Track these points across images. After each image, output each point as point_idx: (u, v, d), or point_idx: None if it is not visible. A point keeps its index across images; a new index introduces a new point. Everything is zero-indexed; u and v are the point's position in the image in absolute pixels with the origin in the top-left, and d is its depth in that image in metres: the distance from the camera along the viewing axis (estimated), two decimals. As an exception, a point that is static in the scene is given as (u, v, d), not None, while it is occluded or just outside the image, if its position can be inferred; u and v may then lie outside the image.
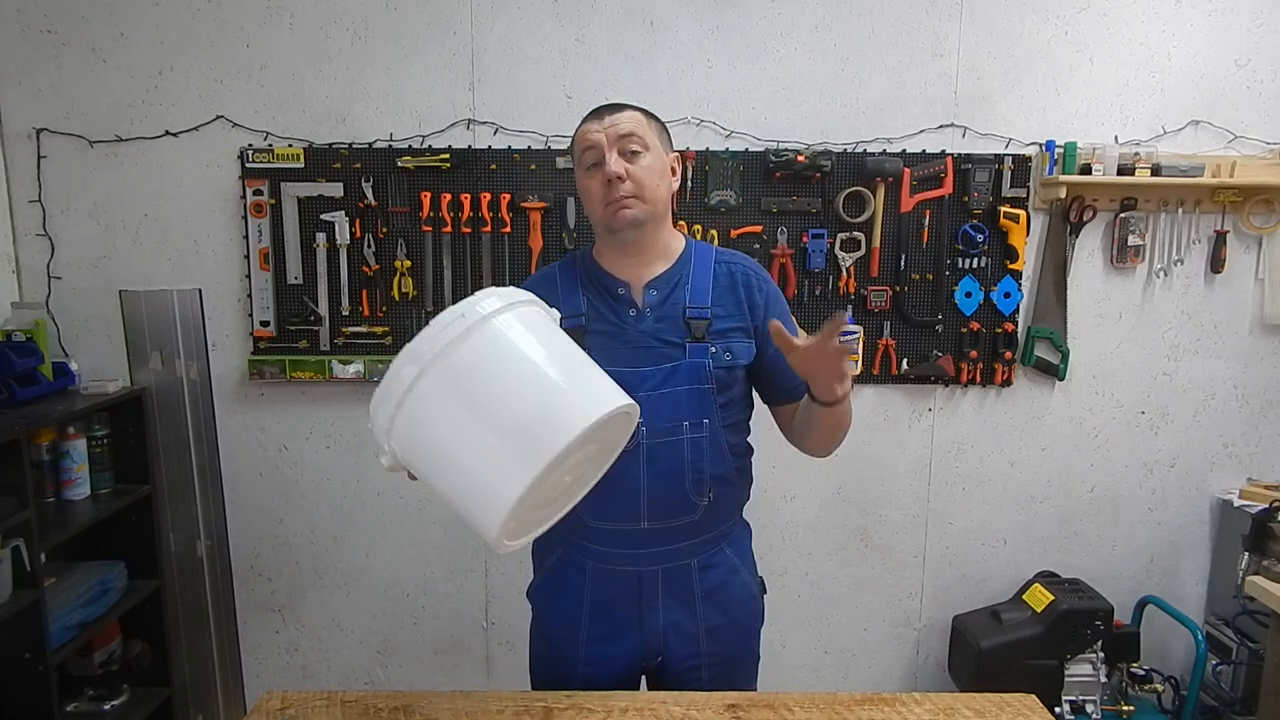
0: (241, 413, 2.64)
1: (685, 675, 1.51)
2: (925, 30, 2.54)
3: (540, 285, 1.46)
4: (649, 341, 1.41)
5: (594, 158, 1.41)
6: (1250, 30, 2.57)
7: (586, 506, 1.40)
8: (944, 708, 1.40)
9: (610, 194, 1.40)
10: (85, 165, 2.51)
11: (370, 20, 2.49)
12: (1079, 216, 2.59)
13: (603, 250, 1.50)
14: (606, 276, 1.47)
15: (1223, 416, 2.75)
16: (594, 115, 1.44)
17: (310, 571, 2.71)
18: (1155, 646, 2.78)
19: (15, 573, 1.96)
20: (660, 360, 1.41)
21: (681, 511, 1.45)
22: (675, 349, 1.41)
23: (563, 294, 1.46)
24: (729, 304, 1.46)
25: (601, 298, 1.46)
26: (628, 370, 1.35)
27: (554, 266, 1.54)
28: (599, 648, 1.49)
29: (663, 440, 1.40)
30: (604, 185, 1.40)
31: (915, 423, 2.72)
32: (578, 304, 1.44)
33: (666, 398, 1.40)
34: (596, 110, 1.45)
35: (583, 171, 1.44)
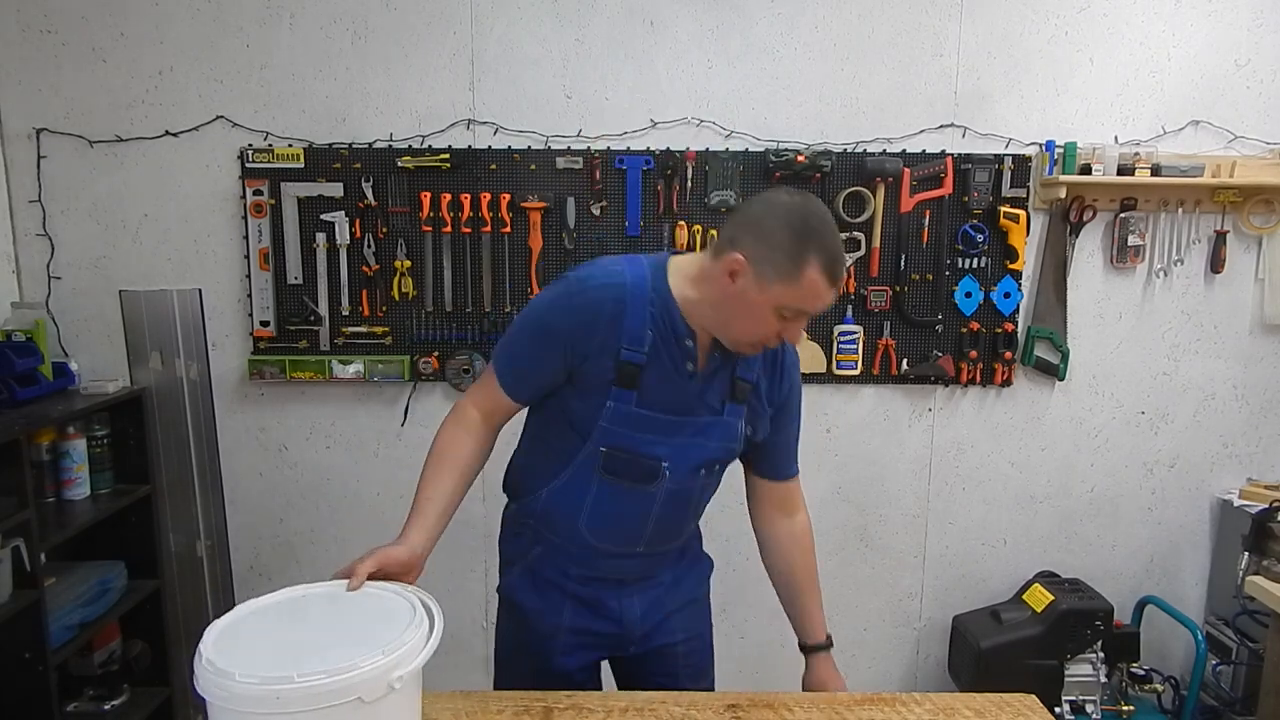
0: (241, 413, 2.64)
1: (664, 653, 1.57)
2: (925, 30, 2.54)
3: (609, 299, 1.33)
4: (696, 399, 1.40)
5: (797, 316, 1.29)
6: (1250, 30, 2.57)
7: (590, 526, 1.44)
8: (944, 708, 1.40)
9: (771, 344, 1.36)
10: (85, 165, 2.51)
11: (370, 20, 2.49)
12: (1079, 216, 2.59)
13: (689, 297, 1.35)
14: (680, 322, 1.35)
15: (1223, 416, 2.75)
16: (832, 278, 1.25)
17: (310, 571, 2.71)
18: (1155, 646, 2.78)
19: (15, 573, 1.96)
20: (702, 412, 1.41)
21: (674, 539, 1.54)
22: (715, 406, 1.42)
23: (631, 319, 1.33)
24: (767, 375, 1.47)
25: (666, 341, 1.35)
26: (672, 418, 1.38)
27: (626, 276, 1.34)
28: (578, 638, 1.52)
29: (682, 484, 1.45)
30: (776, 334, 1.32)
31: (915, 423, 2.72)
32: (643, 338, 1.33)
33: (697, 448, 1.42)
34: (836, 270, 1.26)
35: (775, 307, 1.27)
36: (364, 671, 1.03)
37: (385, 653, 1.06)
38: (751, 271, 1.25)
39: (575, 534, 1.46)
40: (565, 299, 1.35)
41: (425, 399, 2.65)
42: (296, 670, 1.01)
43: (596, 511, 1.42)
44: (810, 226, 1.24)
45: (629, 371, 1.33)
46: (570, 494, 1.43)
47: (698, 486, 1.47)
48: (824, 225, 1.25)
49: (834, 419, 2.70)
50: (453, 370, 2.59)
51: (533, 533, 1.51)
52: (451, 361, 2.59)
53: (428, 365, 2.58)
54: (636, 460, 1.39)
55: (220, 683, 1.02)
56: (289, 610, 1.21)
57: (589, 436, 1.38)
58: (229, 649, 1.08)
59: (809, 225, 1.24)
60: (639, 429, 1.37)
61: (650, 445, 1.38)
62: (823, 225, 1.25)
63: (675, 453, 1.40)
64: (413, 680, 1.10)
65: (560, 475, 1.43)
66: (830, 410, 2.69)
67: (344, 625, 1.17)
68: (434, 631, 1.15)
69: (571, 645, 1.52)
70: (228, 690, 1.01)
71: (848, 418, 2.69)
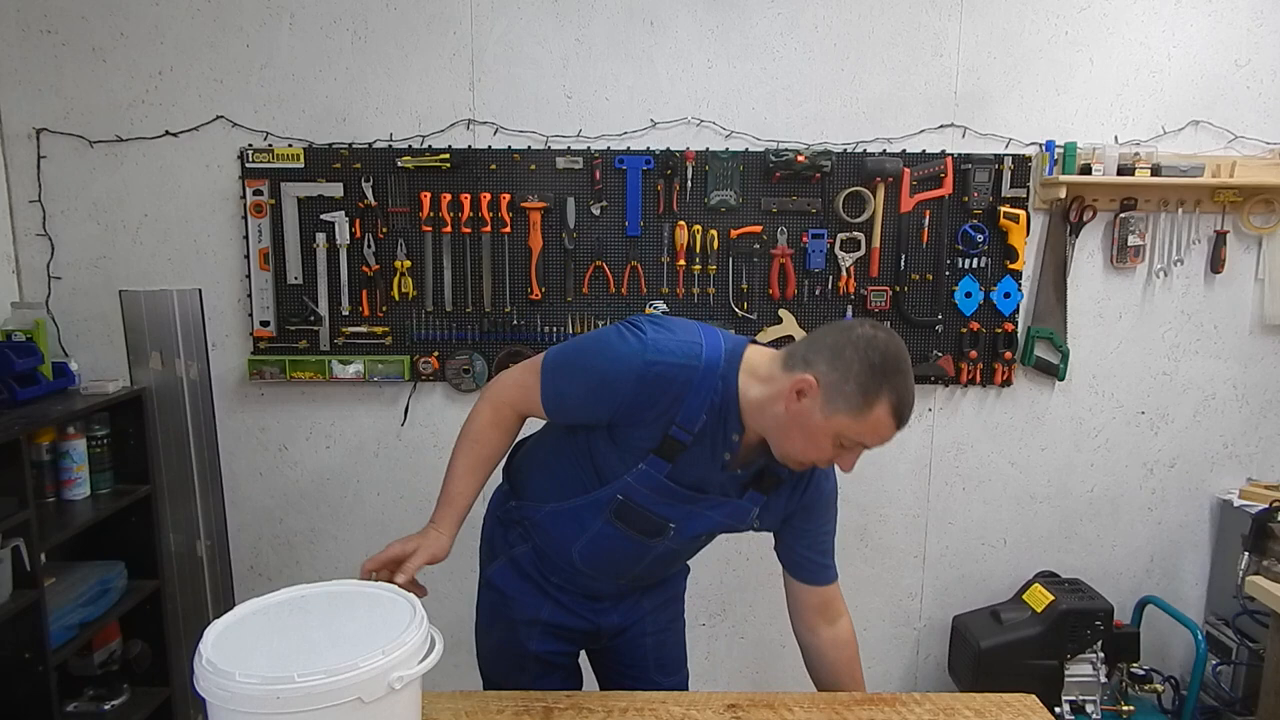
0: (241, 413, 2.64)
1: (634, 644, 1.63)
2: (925, 30, 2.54)
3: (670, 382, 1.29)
4: (722, 482, 1.40)
5: (855, 447, 1.29)
6: (1250, 30, 2.56)
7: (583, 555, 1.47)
8: (944, 708, 1.40)
9: (819, 465, 1.37)
10: (85, 165, 2.51)
11: (370, 20, 2.49)
12: (1079, 216, 2.59)
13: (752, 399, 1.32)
14: (735, 418, 1.34)
15: (1223, 416, 2.75)
16: (898, 422, 1.26)
17: (310, 571, 2.71)
18: (1155, 646, 2.78)
19: (15, 573, 1.96)
20: (720, 493, 1.41)
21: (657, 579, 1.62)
22: (735, 490, 1.42)
23: (691, 402, 1.30)
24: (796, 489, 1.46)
25: (715, 429, 1.34)
26: (690, 490, 1.39)
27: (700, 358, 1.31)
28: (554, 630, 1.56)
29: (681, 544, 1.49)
30: (829, 460, 1.32)
31: (915, 423, 2.72)
32: (696, 421, 1.31)
33: (706, 519, 1.44)
34: (904, 415, 1.26)
35: (834, 435, 1.26)
36: (364, 671, 1.04)
37: (385, 653, 1.06)
38: (820, 396, 1.24)
39: (565, 555, 1.49)
40: (639, 367, 1.28)
41: (425, 399, 2.65)
42: (296, 670, 1.01)
43: (593, 546, 1.45)
44: (888, 366, 1.23)
45: (672, 446, 1.33)
46: (573, 522, 1.45)
47: (695, 547, 1.54)
48: (900, 366, 1.24)
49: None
50: (453, 370, 2.59)
51: (523, 532, 1.53)
52: (451, 361, 2.59)
53: (428, 365, 2.58)
54: (648, 517, 1.41)
55: (220, 683, 1.02)
56: (289, 610, 1.21)
57: (609, 481, 1.39)
58: (229, 649, 1.08)
59: (886, 364, 1.23)
60: (660, 494, 1.38)
61: (664, 508, 1.40)
62: (899, 366, 1.24)
63: (685, 517, 1.42)
64: (413, 680, 1.10)
65: (568, 501, 1.44)
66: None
67: (344, 625, 1.17)
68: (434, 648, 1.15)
69: (548, 636, 1.56)
70: (228, 690, 1.01)
71: (848, 418, 2.69)
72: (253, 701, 1.01)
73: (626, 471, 1.36)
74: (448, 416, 2.65)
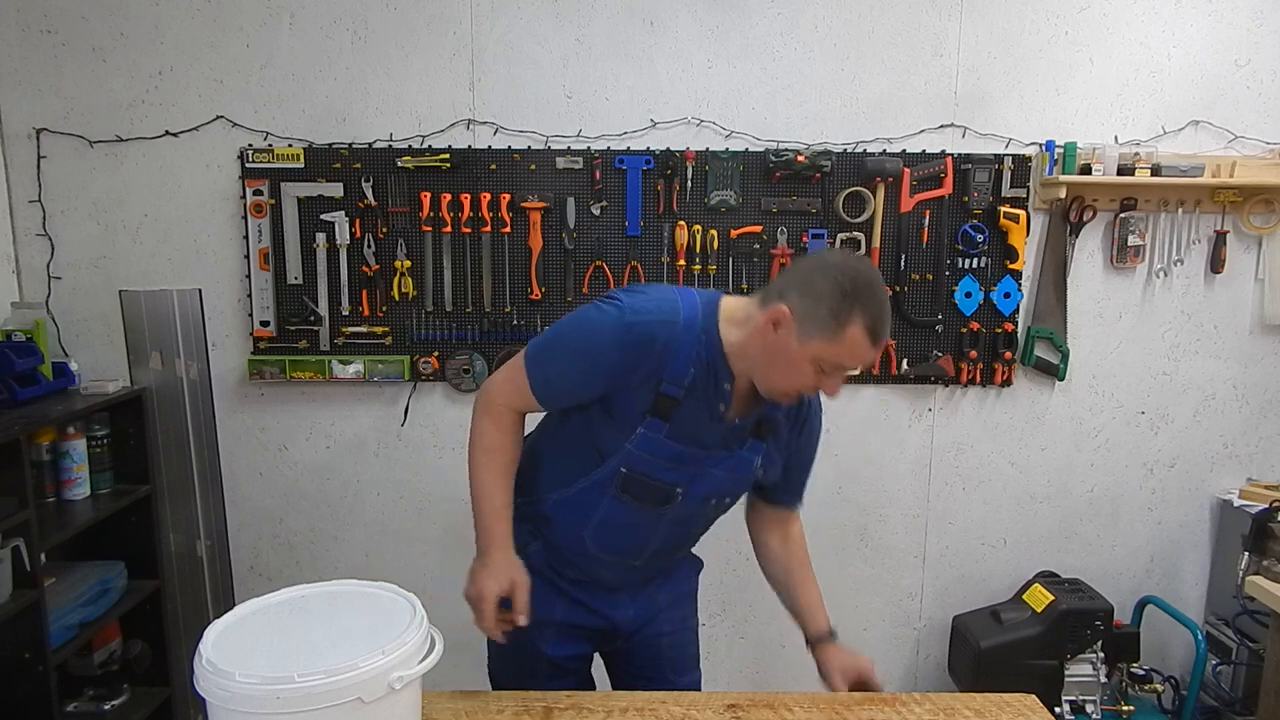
0: (241, 413, 2.64)
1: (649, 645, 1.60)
2: (925, 30, 2.54)
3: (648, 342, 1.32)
4: (721, 435, 1.42)
5: (836, 370, 1.31)
6: (1250, 30, 2.56)
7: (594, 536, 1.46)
8: (944, 708, 1.40)
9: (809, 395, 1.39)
10: (85, 165, 2.51)
11: (370, 20, 2.49)
12: (1079, 216, 2.59)
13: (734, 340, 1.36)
14: (722, 365, 1.36)
15: (1223, 416, 2.75)
16: (874, 339, 1.27)
17: (310, 571, 2.71)
18: (1155, 646, 2.78)
19: (15, 573, 1.96)
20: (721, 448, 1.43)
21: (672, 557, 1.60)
22: (736, 443, 1.44)
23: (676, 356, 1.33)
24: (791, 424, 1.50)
25: (705, 381, 1.36)
26: (695, 450, 1.40)
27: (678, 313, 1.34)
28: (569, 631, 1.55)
29: (691, 510, 1.48)
30: (812, 388, 1.34)
31: (915, 423, 2.72)
32: (685, 375, 1.34)
33: (714, 478, 1.44)
34: (879, 331, 1.27)
35: (813, 360, 1.28)
36: (364, 671, 1.04)
37: (385, 653, 1.06)
38: (795, 324, 1.27)
39: (577, 542, 1.48)
40: (620, 331, 1.32)
41: (425, 399, 2.65)
42: (296, 670, 1.01)
43: (604, 526, 1.45)
44: (858, 286, 1.25)
45: (665, 404, 1.34)
46: (580, 505, 1.45)
47: (705, 514, 1.51)
48: (872, 287, 1.26)
49: (834, 419, 2.69)
50: (453, 370, 2.59)
51: (531, 528, 1.52)
52: (451, 361, 2.59)
53: (428, 365, 2.58)
54: (653, 485, 1.41)
55: (220, 683, 1.02)
56: (289, 610, 1.21)
57: (611, 456, 1.40)
58: (229, 649, 1.09)
59: (857, 285, 1.25)
60: (663, 457, 1.39)
61: (669, 473, 1.40)
62: (870, 287, 1.26)
63: (690, 481, 1.42)
64: (413, 680, 1.10)
65: (573, 486, 1.45)
66: (830, 410, 2.65)
67: (344, 625, 1.17)
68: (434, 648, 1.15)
69: (562, 637, 1.55)
70: (228, 690, 1.01)
71: (848, 418, 2.69)
72: (253, 701, 1.01)
73: (626, 440, 1.37)
74: (448, 416, 2.65)
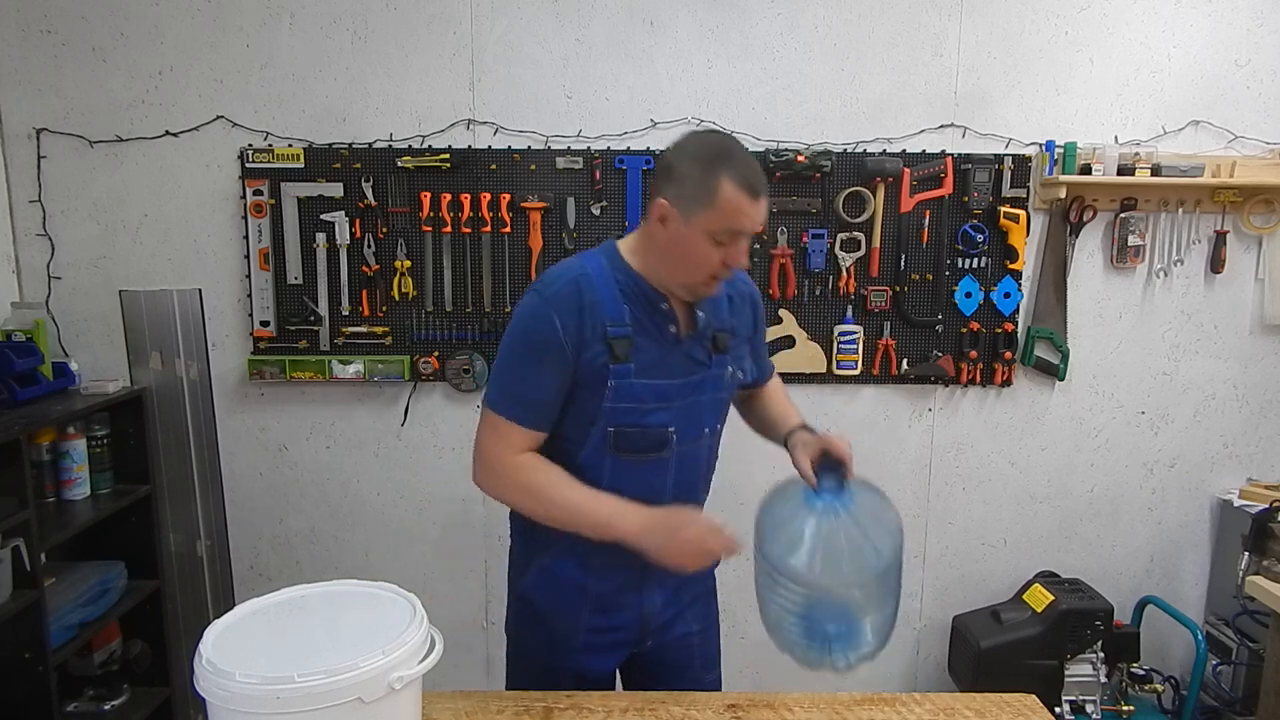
0: (241, 413, 2.64)
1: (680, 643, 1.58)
2: (925, 30, 2.54)
3: (570, 294, 1.36)
4: (684, 358, 1.44)
5: (733, 238, 1.33)
6: (1250, 30, 2.56)
7: None
8: (944, 708, 1.40)
9: (722, 274, 1.38)
10: (85, 165, 2.51)
11: (370, 20, 2.49)
12: (1079, 216, 2.59)
13: (647, 264, 1.41)
14: (649, 289, 1.41)
15: (1223, 416, 2.75)
16: (750, 190, 1.30)
17: (310, 571, 2.71)
18: (1155, 646, 2.78)
19: (15, 573, 1.96)
20: (691, 372, 1.44)
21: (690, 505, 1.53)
22: (701, 362, 1.46)
23: (602, 300, 1.37)
24: (740, 320, 1.53)
25: (644, 310, 1.40)
26: (668, 382, 1.40)
27: (578, 269, 1.40)
28: (597, 635, 1.51)
29: (689, 446, 1.47)
30: (722, 265, 1.35)
31: (915, 423, 2.72)
32: (621, 312, 1.38)
33: (695, 406, 1.45)
34: (753, 183, 1.30)
35: (707, 235, 1.31)
36: (364, 671, 1.04)
37: (385, 653, 1.06)
38: (676, 210, 1.32)
39: None
40: (540, 306, 1.36)
41: (425, 399, 2.65)
42: (296, 670, 1.01)
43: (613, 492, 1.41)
44: (717, 152, 1.31)
45: (620, 346, 1.37)
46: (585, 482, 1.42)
47: (703, 449, 1.50)
48: (730, 147, 1.32)
49: (834, 419, 2.70)
50: (453, 370, 2.59)
51: (546, 533, 1.50)
52: (451, 362, 2.59)
53: (428, 365, 2.58)
54: (644, 432, 1.41)
55: (220, 683, 1.02)
56: (289, 610, 1.21)
57: (596, 423, 1.40)
58: (229, 649, 1.09)
59: (715, 151, 1.31)
60: (641, 401, 1.39)
61: (654, 415, 1.40)
62: (729, 148, 1.32)
63: (678, 417, 1.42)
64: (413, 680, 1.10)
65: (570, 468, 1.43)
66: (830, 410, 2.69)
67: (344, 625, 1.17)
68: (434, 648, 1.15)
69: (590, 644, 1.51)
70: (228, 690, 1.01)
71: (848, 418, 2.69)
72: (253, 701, 1.01)
73: (602, 400, 1.38)
74: (448, 416, 2.65)
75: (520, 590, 1.56)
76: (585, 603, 1.49)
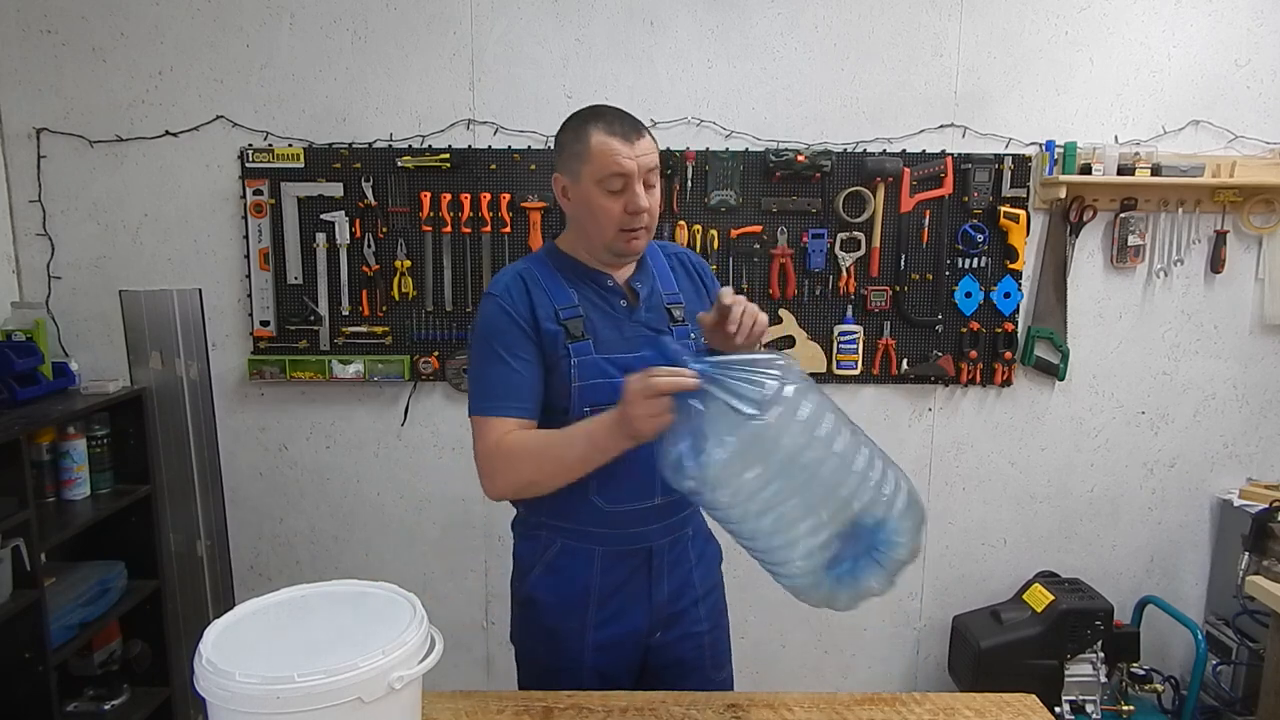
0: (241, 413, 2.64)
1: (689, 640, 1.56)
2: (925, 30, 2.54)
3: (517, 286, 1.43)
4: (642, 330, 1.47)
5: (619, 184, 1.37)
6: (1250, 30, 2.57)
7: (601, 493, 1.44)
8: (944, 708, 1.40)
9: (632, 223, 1.40)
10: (85, 165, 2.51)
11: (370, 20, 2.49)
12: (1079, 216, 2.59)
13: (581, 249, 1.48)
14: (591, 270, 1.47)
15: (1223, 416, 2.75)
16: (618, 134, 1.37)
17: (310, 571, 2.71)
18: (1155, 646, 2.78)
19: (15, 573, 1.96)
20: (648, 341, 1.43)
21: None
22: (662, 331, 1.48)
23: (548, 288, 1.43)
24: (688, 289, 1.56)
25: (590, 290, 1.46)
26: (629, 356, 1.41)
27: (521, 266, 1.48)
28: (606, 632, 1.50)
29: None
30: (624, 213, 1.38)
31: (915, 423, 2.72)
32: (569, 296, 1.43)
33: None
34: (619, 127, 1.38)
35: (599, 189, 1.38)
36: (364, 671, 1.04)
37: (385, 653, 1.06)
38: (567, 179, 1.41)
39: (590, 509, 1.45)
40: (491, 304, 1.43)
41: (425, 399, 2.65)
42: (296, 670, 1.01)
43: (603, 474, 1.39)
44: (581, 114, 1.41)
45: (574, 325, 1.42)
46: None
47: None
48: (596, 107, 1.41)
49: (834, 419, 2.69)
50: (453, 370, 2.59)
51: (548, 530, 1.50)
52: (451, 362, 2.59)
53: (428, 365, 2.58)
54: None
55: (220, 683, 1.02)
56: (289, 610, 1.21)
57: (570, 408, 1.41)
58: (229, 649, 1.09)
59: (580, 114, 1.41)
60: (608, 375, 1.41)
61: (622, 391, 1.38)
62: (595, 108, 1.41)
63: None
64: (413, 680, 1.10)
65: None
66: (830, 410, 2.69)
67: (344, 625, 1.17)
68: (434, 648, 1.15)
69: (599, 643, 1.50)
70: (228, 690, 1.01)
71: (848, 418, 2.69)
72: (253, 701, 1.01)
73: (571, 381, 1.40)
74: (448, 416, 2.65)
75: (524, 594, 1.55)
76: (590, 595, 1.49)
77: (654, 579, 1.51)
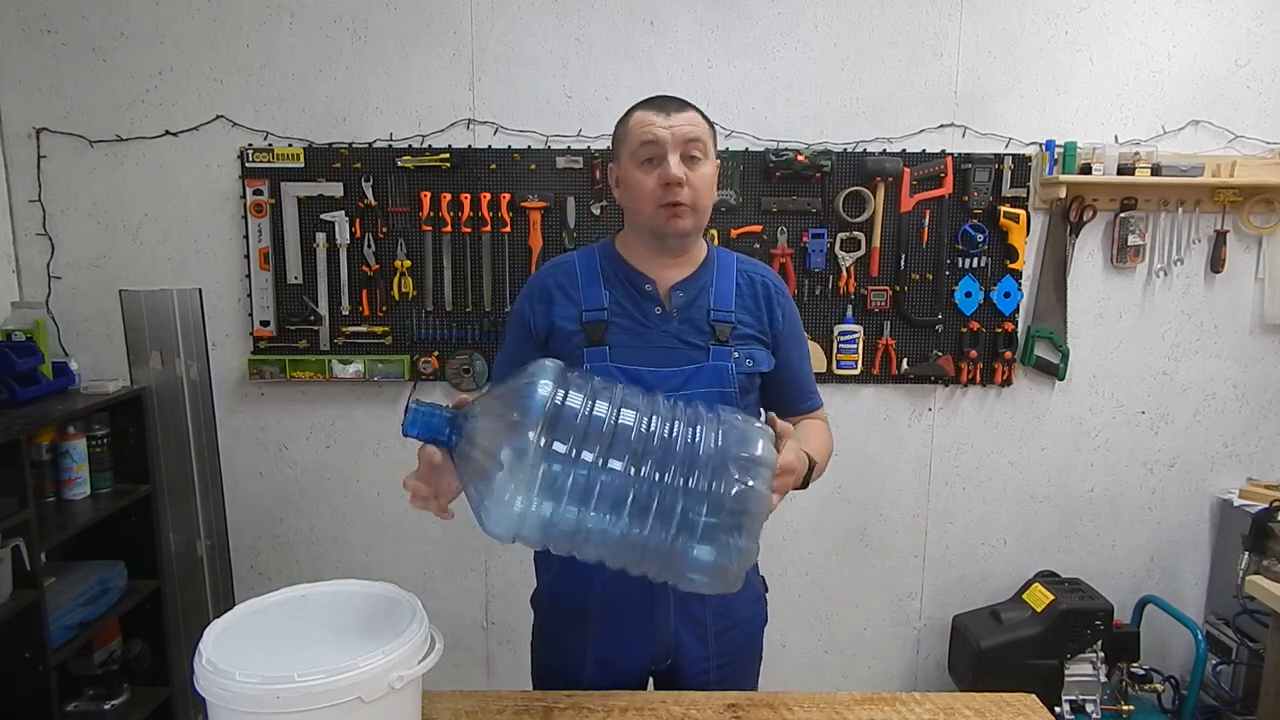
0: (241, 413, 2.64)
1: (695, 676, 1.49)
2: (925, 30, 2.54)
3: (557, 274, 1.44)
4: (672, 342, 1.39)
5: (652, 152, 1.34)
6: (1250, 30, 2.57)
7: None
8: (944, 708, 1.40)
9: (667, 196, 1.34)
10: (85, 165, 2.51)
11: (370, 20, 2.49)
12: (1079, 216, 2.59)
13: (631, 243, 1.44)
14: (632, 271, 1.42)
15: (1223, 416, 2.75)
16: (655, 107, 1.36)
17: (310, 571, 2.71)
18: (1155, 646, 2.78)
19: (15, 573, 1.96)
20: (683, 361, 1.39)
21: None
22: (698, 351, 1.39)
23: (583, 285, 1.41)
24: (750, 312, 1.45)
25: (625, 292, 1.41)
26: (650, 369, 1.36)
27: (573, 255, 1.47)
28: (606, 650, 1.47)
29: None
30: (662, 186, 1.34)
31: (915, 422, 2.72)
32: (599, 297, 1.40)
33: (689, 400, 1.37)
34: (658, 102, 1.37)
35: (635, 164, 1.36)
36: (364, 671, 1.04)
37: (385, 653, 1.06)
38: (615, 166, 1.43)
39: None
40: (525, 289, 1.46)
41: (425, 399, 2.64)
42: (296, 670, 1.01)
43: None
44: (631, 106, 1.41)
45: (594, 330, 1.38)
46: None
47: None
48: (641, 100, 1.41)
49: (834, 418, 2.65)
50: (453, 370, 2.59)
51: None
52: (451, 361, 2.59)
53: (428, 365, 2.58)
54: None
55: (220, 683, 1.02)
56: (289, 610, 1.21)
57: None
58: (229, 649, 1.09)
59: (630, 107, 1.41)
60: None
61: None
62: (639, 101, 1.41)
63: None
64: (413, 680, 1.10)
65: None
66: (830, 410, 2.65)
67: (344, 625, 1.17)
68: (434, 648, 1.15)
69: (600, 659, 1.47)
70: (228, 690, 1.01)
71: (848, 417, 2.69)
72: (253, 701, 1.01)
73: None
74: (448, 416, 2.64)
75: (535, 598, 1.55)
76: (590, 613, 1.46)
77: (656, 607, 1.44)
